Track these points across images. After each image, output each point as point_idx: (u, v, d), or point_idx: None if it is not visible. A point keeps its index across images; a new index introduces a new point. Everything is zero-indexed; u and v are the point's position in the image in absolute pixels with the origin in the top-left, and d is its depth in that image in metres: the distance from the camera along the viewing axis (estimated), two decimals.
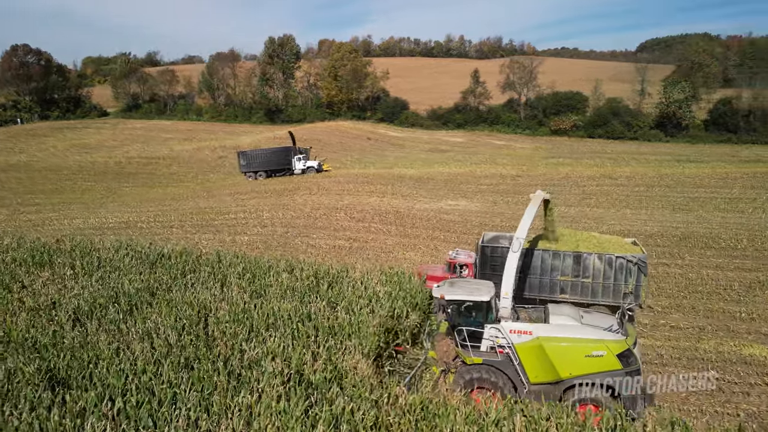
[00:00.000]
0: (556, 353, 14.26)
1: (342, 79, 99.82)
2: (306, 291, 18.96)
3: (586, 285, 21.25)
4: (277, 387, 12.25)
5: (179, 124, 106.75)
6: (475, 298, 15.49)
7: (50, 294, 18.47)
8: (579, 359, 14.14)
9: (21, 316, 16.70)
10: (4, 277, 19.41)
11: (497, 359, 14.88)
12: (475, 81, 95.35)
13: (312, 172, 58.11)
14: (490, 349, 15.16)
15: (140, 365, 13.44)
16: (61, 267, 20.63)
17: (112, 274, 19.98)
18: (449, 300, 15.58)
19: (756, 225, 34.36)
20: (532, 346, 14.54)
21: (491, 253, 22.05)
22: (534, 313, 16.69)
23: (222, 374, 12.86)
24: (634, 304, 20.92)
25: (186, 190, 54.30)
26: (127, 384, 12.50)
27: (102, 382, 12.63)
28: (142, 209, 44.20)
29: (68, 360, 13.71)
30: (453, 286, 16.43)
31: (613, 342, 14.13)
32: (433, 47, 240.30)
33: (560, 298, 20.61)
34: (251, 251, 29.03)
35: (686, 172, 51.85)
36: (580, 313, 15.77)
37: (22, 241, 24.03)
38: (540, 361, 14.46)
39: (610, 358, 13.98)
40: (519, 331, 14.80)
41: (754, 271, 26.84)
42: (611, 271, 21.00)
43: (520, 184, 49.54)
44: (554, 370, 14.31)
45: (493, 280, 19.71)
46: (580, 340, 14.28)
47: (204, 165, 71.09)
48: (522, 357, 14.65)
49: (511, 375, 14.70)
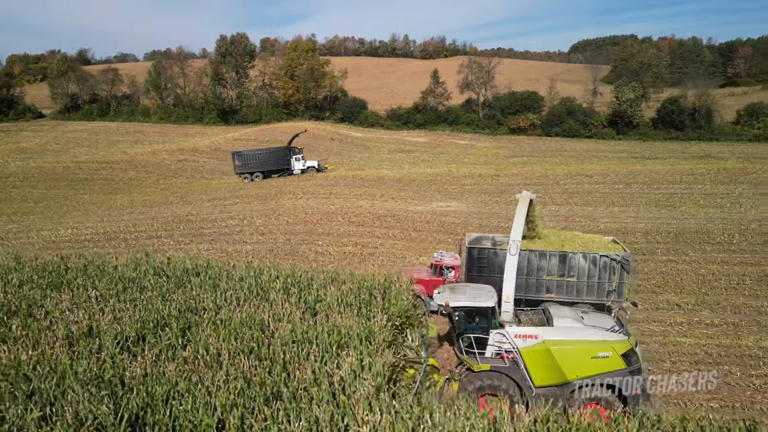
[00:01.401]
0: (563, 356, 14.29)
1: (299, 78, 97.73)
2: (361, 304, 17.98)
3: (571, 284, 21.67)
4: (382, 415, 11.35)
5: (126, 126, 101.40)
6: (481, 303, 15.25)
7: (80, 320, 16.64)
8: (586, 361, 14.27)
9: (57, 347, 14.92)
10: (20, 303, 17.31)
11: (505, 365, 14.76)
12: (435, 81, 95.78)
13: (312, 172, 56.59)
14: (495, 355, 15.03)
15: (223, 398, 12.20)
16: (81, 288, 18.67)
17: (142, 295, 18.26)
18: (455, 307, 15.26)
19: (739, 219, 36.03)
20: (538, 350, 14.50)
21: (478, 255, 22.13)
22: (535, 316, 16.50)
23: (318, 402, 11.79)
24: (618, 301, 21.27)
25: (154, 197, 51.39)
26: (220, 423, 11.26)
27: (192, 423, 11.32)
28: (113, 218, 41.39)
29: (143, 397, 12.25)
30: (455, 292, 16.02)
31: (618, 342, 14.33)
32: (378, 47, 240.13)
33: (546, 297, 20.72)
34: (259, 261, 27.57)
35: (657, 168, 53.94)
36: (579, 314, 15.82)
37: (21, 259, 21.64)
38: (546, 365, 14.45)
39: (615, 359, 14.18)
40: (524, 335, 14.73)
41: (756, 265, 28.01)
42: (596, 270, 21.52)
43: (501, 183, 49.97)
44: (561, 372, 14.33)
45: (480, 281, 20.27)
46: (586, 342, 14.40)
47: (164, 169, 67.64)
48: (527, 361, 14.59)
49: (518, 380, 14.59)
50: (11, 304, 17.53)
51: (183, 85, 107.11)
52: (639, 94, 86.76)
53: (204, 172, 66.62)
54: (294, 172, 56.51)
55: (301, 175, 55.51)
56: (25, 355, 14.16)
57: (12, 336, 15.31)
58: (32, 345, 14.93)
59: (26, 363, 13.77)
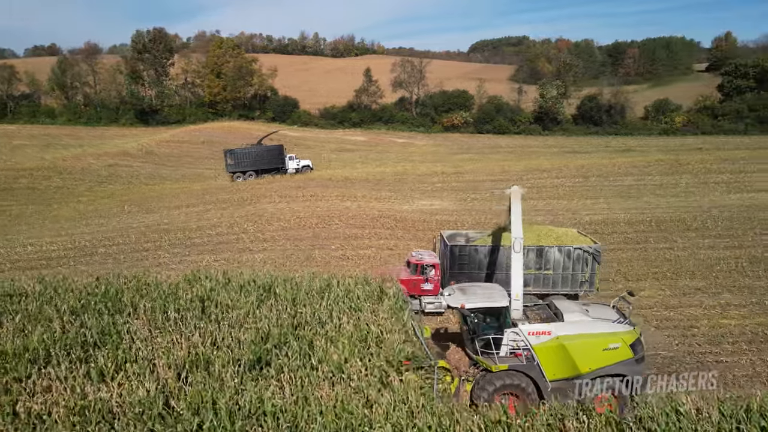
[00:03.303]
0: (576, 350, 14.69)
1: (227, 76, 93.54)
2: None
3: (547, 276, 23.03)
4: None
5: (29, 129, 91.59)
6: (496, 303, 15.30)
7: (171, 345, 14.88)
8: (597, 353, 14.75)
9: (171, 377, 13.26)
10: (89, 332, 15.10)
11: (522, 363, 14.86)
12: (368, 80, 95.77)
13: (307, 171, 55.82)
14: (509, 354, 15.13)
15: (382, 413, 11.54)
16: (149, 311, 16.67)
17: (229, 313, 16.65)
18: (471, 309, 15.22)
19: (698, 207, 39.34)
20: (552, 345, 14.80)
21: (460, 252, 22.79)
22: (542, 312, 16.69)
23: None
24: (590, 291, 23.18)
25: (101, 206, 47.04)
26: None
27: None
28: (72, 231, 37.46)
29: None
30: (466, 293, 15.91)
31: (626, 333, 14.98)
32: (288, 44, 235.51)
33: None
34: (276, 270, 26.12)
35: (603, 162, 57.62)
36: (584, 308, 16.27)
37: (55, 282, 18.90)
38: (560, 359, 14.78)
39: (624, 349, 14.78)
40: (537, 332, 14.98)
41: (741, 248, 30.78)
42: (569, 262, 23.02)
43: (468, 180, 51.05)
44: (575, 366, 14.73)
45: (461, 278, 21.12)
46: (598, 335, 14.88)
47: (94, 175, 61.92)
48: (541, 357, 14.80)
49: (534, 376, 14.80)
50: (80, 335, 15.42)
51: (93, 84, 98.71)
52: (561, 92, 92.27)
53: (141, 177, 61.88)
54: (288, 171, 55.26)
55: (247, 181, 53.27)
56: (142, 391, 12.57)
57: (109, 370, 13.43)
58: (141, 378, 13.20)
59: (152, 400, 12.19)
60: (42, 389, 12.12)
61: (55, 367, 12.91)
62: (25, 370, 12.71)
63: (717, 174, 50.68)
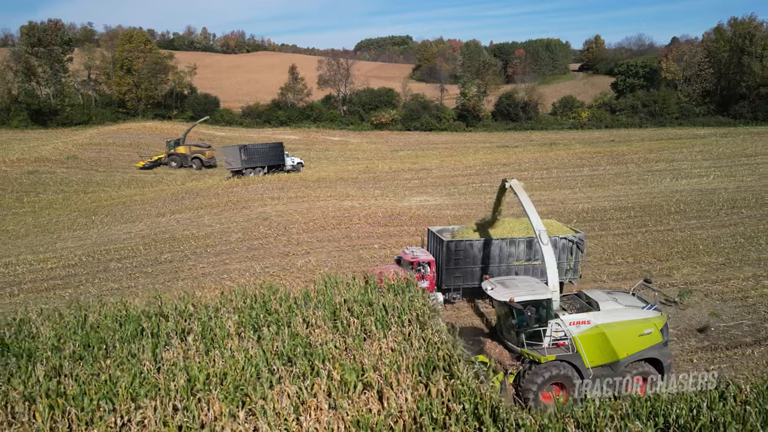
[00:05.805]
0: (615, 336, 15.66)
1: (138, 73, 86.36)
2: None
3: (536, 267, 24.01)
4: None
5: None
6: (542, 296, 15.75)
7: None
8: (634, 338, 15.78)
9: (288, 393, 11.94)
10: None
11: (568, 353, 15.56)
12: (293, 78, 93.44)
13: (300, 168, 57.11)
14: (551, 345, 15.79)
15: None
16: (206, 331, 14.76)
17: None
18: (521, 302, 15.47)
19: (660, 193, 43.49)
20: (592, 334, 15.70)
21: (455, 248, 23.13)
22: (575, 302, 17.40)
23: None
24: (573, 278, 24.66)
25: (57, 218, 41.64)
26: None
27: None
28: (43, 246, 32.83)
29: None
30: (509, 287, 16.32)
31: (657, 318, 16.21)
32: (173, 39, 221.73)
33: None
34: (322, 272, 25.09)
35: (553, 155, 61.48)
36: (612, 297, 17.15)
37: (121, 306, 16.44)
38: (599, 347, 15.69)
39: (656, 333, 15.94)
40: (578, 321, 15.88)
41: (726, 226, 34.49)
42: (556, 252, 23.58)
43: (440, 176, 52.07)
44: (613, 352, 15.70)
45: (457, 273, 22.55)
46: (634, 322, 15.95)
47: (15, 185, 54.30)
48: (582, 346, 15.63)
49: (577, 365, 15.52)
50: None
51: None
52: (482, 90, 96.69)
53: (73, 185, 55.37)
54: (286, 168, 55.76)
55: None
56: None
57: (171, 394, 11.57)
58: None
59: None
60: None
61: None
62: None
63: (654, 163, 56.27)
